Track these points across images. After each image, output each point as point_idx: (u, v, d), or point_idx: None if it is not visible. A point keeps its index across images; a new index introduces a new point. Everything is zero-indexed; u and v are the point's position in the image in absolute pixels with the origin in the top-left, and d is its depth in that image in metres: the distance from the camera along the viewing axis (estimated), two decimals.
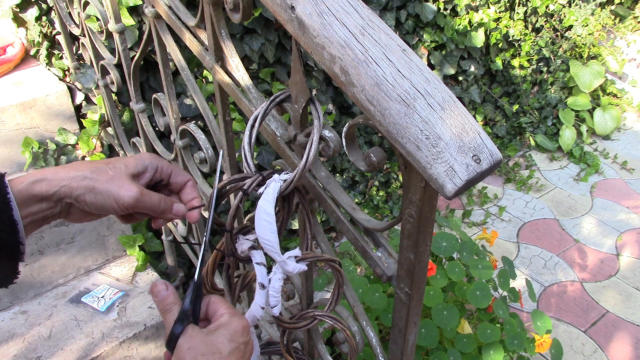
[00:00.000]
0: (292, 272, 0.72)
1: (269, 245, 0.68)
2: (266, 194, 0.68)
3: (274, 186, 0.69)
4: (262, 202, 0.68)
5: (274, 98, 0.76)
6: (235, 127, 1.99)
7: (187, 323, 0.56)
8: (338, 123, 2.39)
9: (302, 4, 0.61)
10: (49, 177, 0.58)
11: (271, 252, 0.69)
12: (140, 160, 0.65)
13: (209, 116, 1.10)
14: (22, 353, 1.30)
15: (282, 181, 0.70)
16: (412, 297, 0.71)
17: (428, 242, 0.66)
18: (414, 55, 0.57)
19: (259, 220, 0.67)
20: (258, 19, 1.95)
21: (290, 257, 0.72)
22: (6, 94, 1.67)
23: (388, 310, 1.47)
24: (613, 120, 3.37)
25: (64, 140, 1.74)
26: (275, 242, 0.68)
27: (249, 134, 0.74)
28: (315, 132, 0.70)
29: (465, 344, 1.46)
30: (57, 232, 1.51)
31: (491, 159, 0.53)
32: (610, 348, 2.06)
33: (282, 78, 2.13)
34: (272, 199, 0.68)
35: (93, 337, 1.34)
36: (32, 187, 0.57)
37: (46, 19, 1.73)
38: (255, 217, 0.68)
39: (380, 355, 0.86)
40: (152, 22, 1.15)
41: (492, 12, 2.83)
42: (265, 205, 0.67)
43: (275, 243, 0.68)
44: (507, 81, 3.18)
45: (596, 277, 2.39)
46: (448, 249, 1.54)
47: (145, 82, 1.79)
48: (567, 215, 2.78)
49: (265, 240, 0.68)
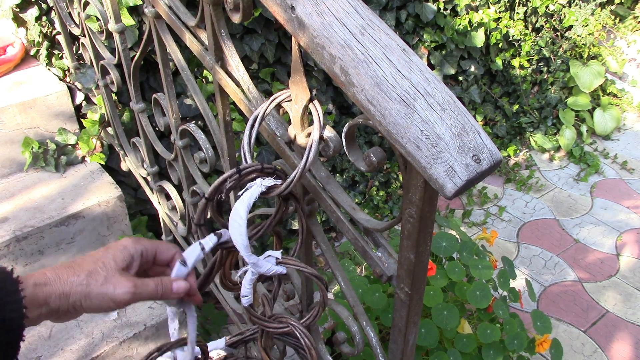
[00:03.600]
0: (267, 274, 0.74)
1: (239, 245, 0.70)
2: (243, 197, 0.70)
3: (253, 190, 0.70)
4: (237, 204, 0.70)
5: (274, 98, 0.76)
6: (235, 127, 1.99)
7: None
8: (338, 123, 2.39)
9: (302, 4, 0.61)
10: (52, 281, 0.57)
11: (242, 252, 0.71)
12: (126, 251, 0.64)
13: (209, 116, 1.10)
14: (22, 353, 1.30)
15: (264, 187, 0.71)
16: (412, 297, 0.71)
17: (428, 242, 0.66)
18: (414, 55, 0.57)
19: (232, 221, 0.70)
20: (258, 19, 1.95)
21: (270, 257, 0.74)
22: (6, 94, 1.67)
23: (388, 310, 1.47)
24: (613, 120, 3.37)
25: (64, 140, 1.74)
26: (243, 244, 0.70)
27: (248, 134, 0.74)
28: (316, 132, 0.70)
29: (465, 344, 1.46)
30: (57, 232, 1.51)
31: (491, 159, 0.53)
32: (610, 348, 2.06)
33: (282, 78, 2.13)
34: (248, 203, 0.69)
35: (93, 337, 1.34)
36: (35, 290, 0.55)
37: (46, 19, 1.73)
38: (230, 218, 0.70)
39: (380, 355, 0.86)
40: (152, 22, 1.15)
41: (492, 12, 2.83)
42: (240, 208, 0.69)
43: (244, 245, 0.70)
44: (507, 81, 3.18)
45: (596, 277, 2.39)
46: (448, 249, 1.54)
47: (145, 82, 1.79)
48: (567, 215, 2.78)
49: (235, 241, 0.70)
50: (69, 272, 0.58)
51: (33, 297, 0.54)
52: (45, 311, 0.56)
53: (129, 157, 1.72)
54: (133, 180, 1.86)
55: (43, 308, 0.56)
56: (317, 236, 0.88)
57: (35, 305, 0.55)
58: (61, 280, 0.57)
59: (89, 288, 0.58)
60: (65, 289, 0.57)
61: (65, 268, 0.59)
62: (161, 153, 1.45)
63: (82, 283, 0.58)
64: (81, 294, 0.57)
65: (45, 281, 0.56)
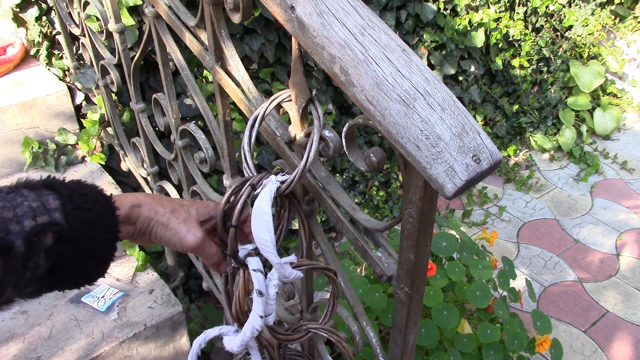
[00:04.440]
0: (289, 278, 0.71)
1: (265, 246, 0.67)
2: (263, 194, 0.68)
3: (271, 186, 0.69)
4: (259, 202, 0.68)
5: (274, 98, 0.76)
6: (235, 127, 1.99)
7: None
8: (338, 123, 2.39)
9: (302, 4, 0.61)
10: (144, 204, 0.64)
11: (267, 253, 0.68)
12: (208, 208, 0.71)
13: (209, 116, 1.10)
14: (22, 353, 1.30)
15: (278, 182, 0.70)
16: (412, 297, 0.71)
17: (428, 242, 0.66)
18: (413, 55, 0.57)
19: (256, 219, 0.67)
20: (258, 19, 1.95)
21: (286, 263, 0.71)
22: (6, 94, 1.67)
23: (388, 310, 1.47)
24: (613, 120, 3.37)
25: (64, 140, 1.74)
26: (271, 242, 0.67)
27: (248, 134, 0.74)
28: (315, 132, 0.70)
29: (465, 344, 1.46)
30: None
31: (491, 159, 0.53)
32: (610, 348, 2.06)
33: (282, 78, 2.13)
34: (269, 198, 0.68)
35: (93, 337, 1.34)
36: (130, 211, 0.62)
37: (46, 19, 1.73)
38: (252, 216, 0.67)
39: (380, 355, 0.86)
40: (152, 22, 1.15)
41: (492, 12, 2.83)
42: (263, 205, 0.67)
43: (272, 243, 0.67)
44: (507, 81, 3.18)
45: (596, 277, 2.39)
46: (448, 249, 1.54)
47: (145, 82, 1.79)
48: (567, 215, 2.78)
49: (261, 240, 0.67)
50: (156, 202, 0.65)
51: (127, 216, 0.62)
52: (131, 230, 0.63)
53: (129, 157, 1.72)
54: (133, 180, 1.86)
55: (131, 227, 0.63)
56: (317, 236, 0.88)
57: (128, 223, 0.63)
58: (149, 206, 0.64)
59: (169, 221, 0.65)
60: (151, 215, 0.64)
61: (153, 198, 0.66)
62: (161, 153, 1.45)
63: (166, 215, 0.65)
64: (161, 224, 0.65)
65: (138, 203, 0.63)
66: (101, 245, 0.58)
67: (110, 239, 0.59)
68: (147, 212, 0.64)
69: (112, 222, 0.59)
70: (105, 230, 0.58)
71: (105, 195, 0.60)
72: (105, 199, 0.59)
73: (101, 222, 0.58)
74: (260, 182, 0.70)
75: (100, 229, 0.57)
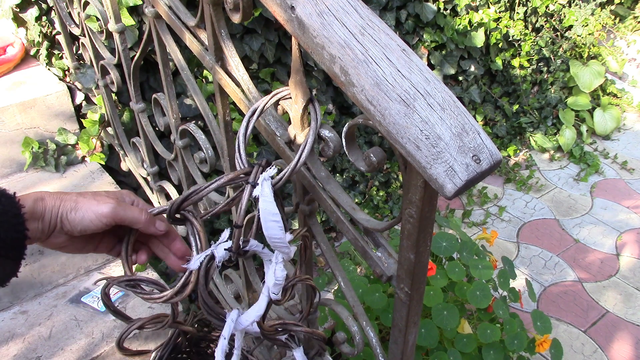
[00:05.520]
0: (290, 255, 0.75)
1: (280, 243, 0.70)
2: (264, 195, 0.68)
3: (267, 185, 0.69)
4: (263, 204, 0.68)
5: (275, 93, 0.76)
6: (235, 127, 1.99)
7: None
8: (338, 123, 2.39)
9: (302, 4, 0.61)
10: (47, 196, 0.63)
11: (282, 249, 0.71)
12: (119, 193, 0.71)
13: (209, 116, 1.10)
14: (22, 353, 1.30)
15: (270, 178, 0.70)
16: (412, 297, 0.71)
17: (428, 242, 0.66)
18: (413, 55, 0.57)
19: (266, 222, 0.68)
20: (258, 19, 1.95)
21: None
22: (6, 94, 1.67)
23: (388, 310, 1.47)
24: (613, 120, 3.37)
25: (64, 140, 1.74)
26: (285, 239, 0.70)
27: (245, 124, 0.73)
28: (311, 132, 0.70)
29: (465, 344, 1.46)
30: None
31: (491, 159, 0.53)
32: (610, 348, 2.06)
33: (282, 78, 2.13)
34: (271, 197, 0.68)
35: (93, 337, 1.34)
36: (35, 205, 0.61)
37: (46, 19, 1.73)
38: (262, 220, 0.68)
39: (380, 355, 0.86)
40: (152, 22, 1.15)
41: (492, 12, 2.83)
42: (269, 206, 0.68)
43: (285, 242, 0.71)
44: (507, 81, 3.18)
45: (596, 277, 2.39)
46: (448, 249, 1.54)
47: (145, 82, 1.79)
48: (567, 215, 2.78)
49: (276, 239, 0.70)
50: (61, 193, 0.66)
51: (32, 211, 0.61)
52: (41, 227, 0.62)
53: (129, 157, 1.72)
54: (133, 180, 1.86)
55: (40, 223, 0.62)
56: (317, 236, 0.88)
57: (35, 219, 0.61)
58: (54, 196, 0.64)
59: (77, 202, 0.65)
60: (57, 202, 0.64)
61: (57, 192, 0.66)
62: (161, 153, 1.45)
63: (72, 197, 0.65)
64: (69, 207, 0.64)
65: (42, 197, 0.63)
66: (8, 245, 0.58)
67: (17, 237, 0.58)
68: (52, 201, 0.63)
69: (17, 221, 0.58)
70: (11, 229, 0.57)
71: (7, 194, 0.59)
72: (8, 197, 0.59)
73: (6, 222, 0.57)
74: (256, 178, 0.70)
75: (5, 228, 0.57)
